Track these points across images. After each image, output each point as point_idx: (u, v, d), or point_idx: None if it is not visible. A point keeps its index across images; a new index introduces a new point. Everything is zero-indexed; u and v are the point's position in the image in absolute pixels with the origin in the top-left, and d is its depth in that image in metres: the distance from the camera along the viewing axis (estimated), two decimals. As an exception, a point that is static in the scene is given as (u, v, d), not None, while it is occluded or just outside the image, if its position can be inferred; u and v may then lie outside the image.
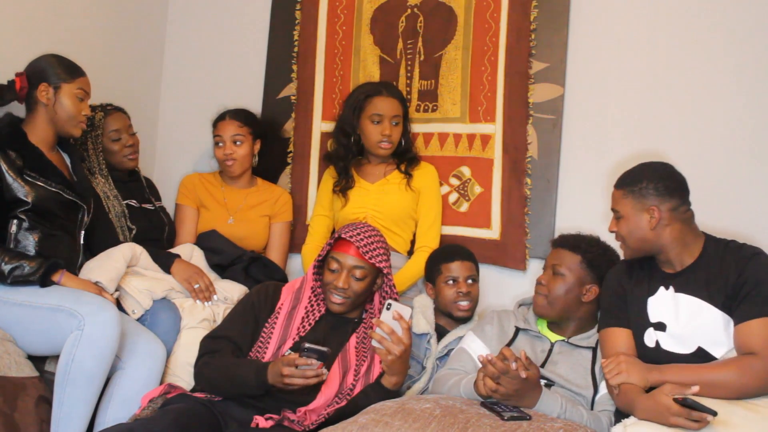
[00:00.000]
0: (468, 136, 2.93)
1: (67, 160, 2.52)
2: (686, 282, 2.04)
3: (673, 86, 2.70)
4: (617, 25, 2.78)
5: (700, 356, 2.00)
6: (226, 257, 2.80)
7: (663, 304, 2.06)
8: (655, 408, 1.82)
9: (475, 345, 2.29)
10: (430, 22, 3.01)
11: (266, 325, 2.25)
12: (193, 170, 3.25)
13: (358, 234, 2.24)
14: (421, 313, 2.54)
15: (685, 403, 1.77)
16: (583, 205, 2.80)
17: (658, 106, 2.71)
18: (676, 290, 2.05)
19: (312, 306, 2.28)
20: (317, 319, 2.26)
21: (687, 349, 2.01)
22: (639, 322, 2.10)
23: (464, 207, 2.93)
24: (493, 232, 2.88)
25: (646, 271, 2.14)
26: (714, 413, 1.74)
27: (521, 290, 2.77)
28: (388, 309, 2.09)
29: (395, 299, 2.25)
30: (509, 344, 2.26)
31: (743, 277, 1.96)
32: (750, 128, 2.60)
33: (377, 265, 2.25)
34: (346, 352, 2.23)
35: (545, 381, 2.14)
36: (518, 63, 2.86)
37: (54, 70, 2.39)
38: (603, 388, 2.12)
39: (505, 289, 2.83)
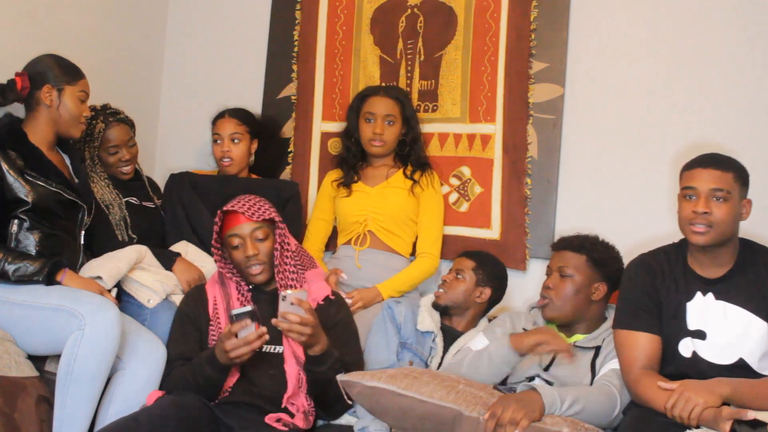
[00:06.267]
0: (468, 136, 2.93)
1: (67, 161, 2.52)
2: (727, 290, 1.93)
3: (673, 86, 2.70)
4: (617, 25, 2.79)
5: (741, 367, 1.91)
6: None
7: (702, 310, 1.95)
8: None
9: (481, 346, 2.25)
10: (430, 22, 3.01)
11: (210, 328, 2.27)
12: (193, 170, 3.25)
13: (238, 202, 2.28)
14: (427, 311, 2.53)
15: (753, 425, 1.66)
16: (583, 205, 2.80)
17: (658, 105, 2.72)
18: (717, 297, 1.94)
19: (241, 292, 2.29)
20: (249, 299, 2.27)
21: (727, 359, 1.92)
22: (674, 330, 1.97)
23: (464, 207, 2.93)
24: (493, 232, 2.88)
25: (678, 271, 2.00)
26: None
27: (521, 290, 2.77)
28: (284, 299, 2.05)
29: (287, 289, 2.22)
30: None
31: None
32: (751, 128, 2.61)
33: (268, 217, 2.28)
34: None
35: (543, 381, 2.14)
36: (518, 63, 2.86)
37: (57, 71, 2.39)
38: (602, 371, 2.11)
39: (505, 289, 2.83)
